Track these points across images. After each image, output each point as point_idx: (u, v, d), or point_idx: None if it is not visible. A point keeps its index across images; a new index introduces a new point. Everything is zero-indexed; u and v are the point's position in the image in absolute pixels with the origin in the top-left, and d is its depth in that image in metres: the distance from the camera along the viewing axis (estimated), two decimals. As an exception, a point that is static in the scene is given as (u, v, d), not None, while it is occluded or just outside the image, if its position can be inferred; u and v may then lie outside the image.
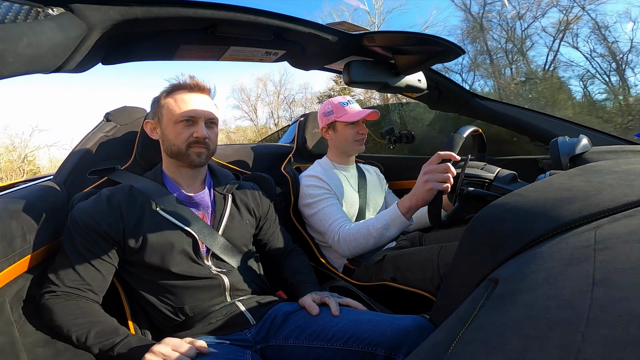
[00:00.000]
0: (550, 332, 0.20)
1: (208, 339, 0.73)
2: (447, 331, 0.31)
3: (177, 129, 0.80)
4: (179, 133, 0.80)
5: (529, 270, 0.29)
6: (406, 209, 0.92)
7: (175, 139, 0.80)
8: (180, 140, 0.80)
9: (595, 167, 0.50)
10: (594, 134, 1.12)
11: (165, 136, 0.82)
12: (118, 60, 0.71)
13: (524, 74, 9.05)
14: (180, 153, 0.81)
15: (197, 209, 0.84)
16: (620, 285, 0.21)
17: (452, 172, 0.82)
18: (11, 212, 0.68)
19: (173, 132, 0.81)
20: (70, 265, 0.72)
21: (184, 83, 0.83)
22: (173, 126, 0.80)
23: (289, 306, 0.82)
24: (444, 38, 0.81)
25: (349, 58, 0.96)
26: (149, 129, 0.86)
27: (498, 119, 1.30)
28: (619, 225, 0.30)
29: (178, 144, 0.80)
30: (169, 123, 0.81)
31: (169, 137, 0.81)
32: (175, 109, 0.80)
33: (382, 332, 0.66)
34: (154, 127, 0.85)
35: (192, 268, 0.79)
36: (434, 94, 1.28)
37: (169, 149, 0.82)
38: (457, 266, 0.48)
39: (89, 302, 0.73)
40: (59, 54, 0.50)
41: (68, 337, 0.68)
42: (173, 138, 0.81)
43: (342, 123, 1.23)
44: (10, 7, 0.43)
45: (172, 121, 0.80)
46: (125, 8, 0.56)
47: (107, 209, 0.75)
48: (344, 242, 1.03)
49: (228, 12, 0.66)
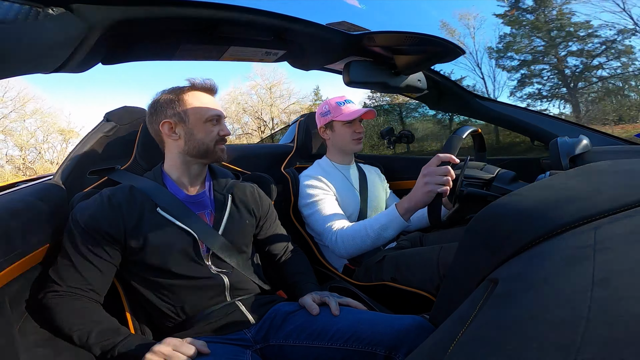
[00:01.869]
0: (550, 332, 0.20)
1: (208, 338, 0.73)
2: (447, 331, 0.31)
3: (207, 128, 0.83)
4: (209, 131, 0.83)
5: (529, 271, 0.29)
6: (404, 210, 0.92)
7: (205, 137, 0.83)
8: (210, 138, 0.83)
9: (595, 167, 0.50)
10: (593, 134, 1.12)
11: (192, 135, 0.82)
12: (118, 60, 0.71)
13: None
14: (209, 151, 0.84)
15: (197, 208, 0.84)
16: (620, 285, 0.21)
17: (452, 174, 0.82)
18: (11, 212, 0.68)
19: (203, 130, 0.83)
20: (72, 265, 0.72)
21: (205, 84, 0.86)
22: (203, 125, 0.83)
23: (288, 306, 0.82)
24: (444, 38, 0.81)
25: (349, 58, 0.96)
26: (167, 128, 0.83)
27: (498, 119, 1.30)
28: (619, 225, 0.30)
29: (208, 142, 0.83)
30: (198, 122, 0.82)
31: (197, 135, 0.82)
32: (203, 107, 0.83)
33: (382, 331, 0.66)
34: (172, 127, 0.83)
35: (192, 268, 0.79)
36: (434, 94, 1.28)
37: (196, 148, 0.83)
38: (457, 266, 0.48)
39: (91, 302, 0.73)
40: (59, 54, 0.50)
41: (69, 336, 0.68)
42: (203, 136, 0.83)
43: (339, 122, 1.23)
44: (10, 7, 0.43)
45: (202, 120, 0.82)
46: (125, 8, 0.56)
47: (107, 209, 0.75)
48: (342, 243, 1.03)
49: (228, 12, 0.66)
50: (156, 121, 0.84)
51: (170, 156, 0.86)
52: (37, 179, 1.08)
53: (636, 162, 0.48)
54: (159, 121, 0.84)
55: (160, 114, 0.84)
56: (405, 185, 1.62)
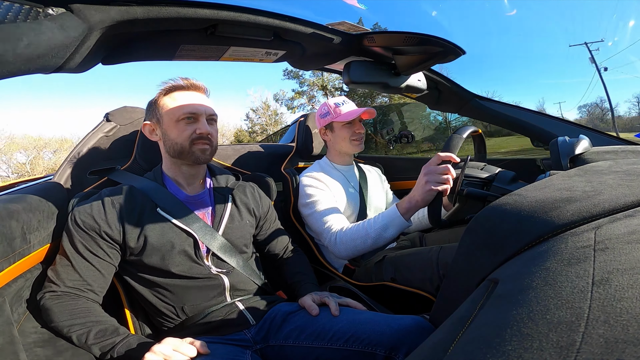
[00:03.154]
0: (550, 332, 0.20)
1: (208, 338, 0.73)
2: (447, 331, 0.31)
3: (179, 127, 0.80)
4: (181, 131, 0.80)
5: (529, 271, 0.29)
6: (405, 210, 0.92)
7: (178, 137, 0.80)
8: (183, 138, 0.80)
9: (595, 167, 0.50)
10: (593, 134, 1.12)
11: (167, 136, 0.82)
12: (118, 60, 0.71)
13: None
14: (184, 151, 0.81)
15: (197, 209, 0.84)
16: (620, 285, 0.21)
17: (452, 173, 0.82)
18: (11, 212, 0.68)
19: (175, 130, 0.80)
20: (71, 266, 0.72)
21: (179, 83, 0.84)
22: (175, 125, 0.81)
23: (288, 306, 0.82)
24: (443, 38, 0.81)
25: (349, 58, 0.96)
26: (148, 131, 0.86)
27: (498, 119, 1.30)
28: (619, 225, 0.30)
29: (181, 141, 0.80)
30: (170, 122, 0.81)
31: (171, 136, 0.81)
32: (175, 107, 0.81)
33: (382, 332, 0.66)
34: (152, 128, 0.85)
35: (192, 268, 0.79)
36: (434, 94, 1.28)
37: (172, 149, 0.82)
38: (457, 266, 0.48)
39: (90, 302, 0.73)
40: (59, 54, 0.50)
41: (68, 337, 0.68)
42: (176, 136, 0.80)
43: (338, 123, 1.23)
44: (10, 7, 0.43)
45: (174, 120, 0.80)
46: (125, 8, 0.56)
47: (107, 210, 0.75)
48: (341, 244, 1.02)
49: (228, 12, 0.66)
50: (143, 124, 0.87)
51: (163, 157, 0.87)
52: (37, 179, 1.08)
53: (636, 162, 0.48)
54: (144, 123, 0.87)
55: (145, 117, 0.88)
56: (406, 185, 1.62)
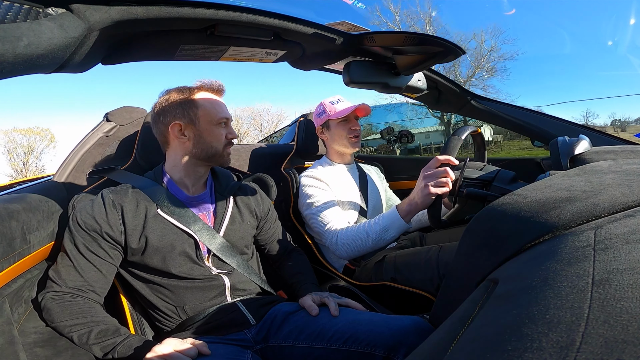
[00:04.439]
0: (550, 332, 0.20)
1: (208, 339, 0.73)
2: (447, 331, 0.31)
3: (217, 131, 0.82)
4: (219, 135, 0.82)
5: (529, 271, 0.29)
6: (405, 213, 0.92)
7: (215, 140, 0.82)
8: (220, 142, 0.82)
9: (595, 167, 0.50)
10: (593, 134, 1.12)
11: (201, 138, 0.81)
12: (118, 60, 0.71)
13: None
14: (217, 154, 0.83)
15: (198, 210, 0.84)
16: (620, 285, 0.21)
17: (451, 176, 0.82)
18: (11, 212, 0.68)
19: (213, 133, 0.81)
20: (73, 266, 0.72)
21: (214, 85, 0.84)
22: (213, 128, 0.81)
23: (288, 306, 0.82)
24: (443, 38, 0.81)
25: (349, 58, 0.96)
26: (177, 130, 0.80)
27: (498, 119, 1.30)
28: (619, 225, 0.30)
29: (217, 145, 0.82)
30: (209, 125, 0.81)
31: (207, 138, 0.81)
32: (213, 111, 0.81)
33: (381, 332, 0.66)
34: (182, 128, 0.80)
35: (193, 269, 0.79)
36: (434, 94, 1.28)
37: (204, 151, 0.81)
38: (457, 266, 0.48)
39: (91, 302, 0.73)
40: (59, 54, 0.50)
41: (69, 337, 0.68)
42: (212, 139, 0.81)
43: (334, 121, 1.24)
44: (10, 7, 0.43)
45: (212, 123, 0.81)
46: (125, 8, 0.56)
47: (108, 210, 0.75)
48: (342, 244, 1.02)
49: (228, 12, 0.66)
50: (164, 122, 0.81)
51: (174, 157, 0.83)
52: (37, 179, 1.08)
53: (636, 162, 0.48)
54: (167, 122, 0.80)
55: (168, 115, 0.80)
56: (405, 185, 1.63)
